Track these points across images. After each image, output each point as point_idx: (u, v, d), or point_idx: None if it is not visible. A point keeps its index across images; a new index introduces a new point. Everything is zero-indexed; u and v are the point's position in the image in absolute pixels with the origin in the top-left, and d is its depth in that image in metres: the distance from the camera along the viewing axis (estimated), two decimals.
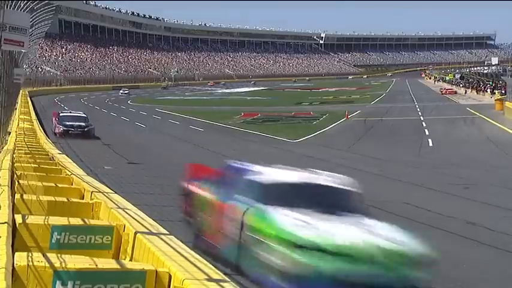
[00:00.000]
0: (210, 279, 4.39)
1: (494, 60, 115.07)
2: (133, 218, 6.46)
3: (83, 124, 36.13)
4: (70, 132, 35.04)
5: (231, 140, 38.28)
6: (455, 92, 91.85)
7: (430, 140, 37.58)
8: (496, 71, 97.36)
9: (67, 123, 35.84)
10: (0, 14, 16.63)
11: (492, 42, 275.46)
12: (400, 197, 18.27)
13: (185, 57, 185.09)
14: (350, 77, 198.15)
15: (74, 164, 12.97)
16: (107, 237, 5.95)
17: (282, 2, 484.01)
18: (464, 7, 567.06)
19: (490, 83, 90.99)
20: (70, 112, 40.66)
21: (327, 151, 33.07)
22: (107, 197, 7.70)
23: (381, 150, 33.11)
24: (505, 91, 64.72)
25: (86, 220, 6.38)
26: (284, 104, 76.82)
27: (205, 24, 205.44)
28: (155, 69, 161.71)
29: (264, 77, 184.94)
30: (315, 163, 27.63)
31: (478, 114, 54.61)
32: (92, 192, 8.13)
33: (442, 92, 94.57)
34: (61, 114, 37.78)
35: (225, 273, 4.93)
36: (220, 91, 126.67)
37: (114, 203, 7.25)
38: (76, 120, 36.66)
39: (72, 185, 9.53)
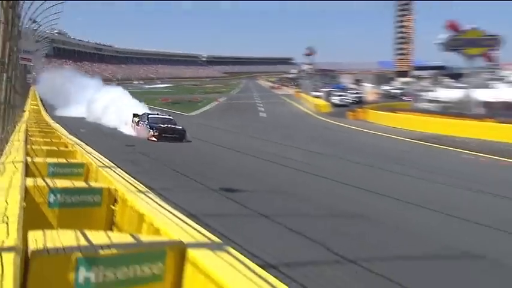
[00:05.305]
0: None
1: (294, 71, 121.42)
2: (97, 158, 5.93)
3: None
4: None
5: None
6: (279, 87, 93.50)
7: (264, 114, 38.49)
8: (296, 76, 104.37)
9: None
10: (18, 44, 16.58)
11: (293, 61, 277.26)
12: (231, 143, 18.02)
13: (126, 68, 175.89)
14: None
15: (62, 128, 12.64)
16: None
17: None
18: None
19: (293, 83, 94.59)
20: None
21: (207, 119, 33.07)
22: (80, 147, 7.35)
23: (236, 119, 33.56)
24: (300, 88, 67.64)
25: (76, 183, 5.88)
26: (184, 94, 75.10)
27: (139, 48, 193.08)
28: (109, 74, 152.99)
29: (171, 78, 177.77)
30: (199, 127, 27.35)
31: (286, 99, 56.49)
32: (72, 144, 7.79)
33: (273, 87, 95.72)
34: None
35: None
36: (146, 86, 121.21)
37: (86, 151, 6.93)
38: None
39: (60, 140, 9.07)
